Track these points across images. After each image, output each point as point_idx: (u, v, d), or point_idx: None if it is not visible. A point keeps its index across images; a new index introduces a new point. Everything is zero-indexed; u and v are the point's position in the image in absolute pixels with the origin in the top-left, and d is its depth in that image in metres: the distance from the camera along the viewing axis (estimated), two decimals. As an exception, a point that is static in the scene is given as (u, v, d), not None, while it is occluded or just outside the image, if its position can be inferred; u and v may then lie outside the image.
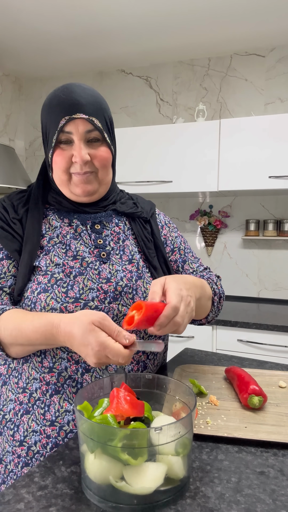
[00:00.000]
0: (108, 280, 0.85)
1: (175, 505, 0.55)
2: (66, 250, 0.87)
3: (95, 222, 0.92)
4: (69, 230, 0.89)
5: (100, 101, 0.85)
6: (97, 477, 0.54)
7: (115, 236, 0.93)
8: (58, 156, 0.83)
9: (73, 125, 0.80)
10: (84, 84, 0.84)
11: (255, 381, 0.87)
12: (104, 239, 0.91)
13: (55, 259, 0.85)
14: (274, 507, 0.55)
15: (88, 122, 0.81)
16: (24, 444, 0.82)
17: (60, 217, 0.91)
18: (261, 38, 2.54)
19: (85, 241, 0.89)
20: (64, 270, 0.84)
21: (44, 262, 0.84)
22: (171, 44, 2.62)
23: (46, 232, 0.88)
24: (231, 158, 2.37)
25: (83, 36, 2.53)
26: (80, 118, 0.80)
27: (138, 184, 2.55)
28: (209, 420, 0.79)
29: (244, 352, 2.14)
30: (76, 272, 0.84)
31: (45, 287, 0.82)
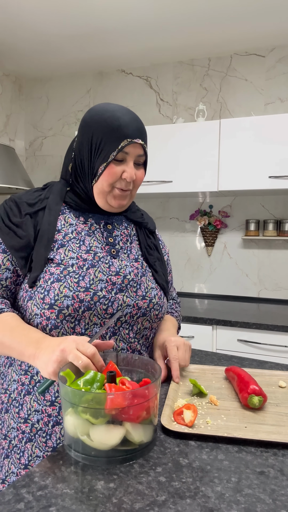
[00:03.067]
0: (117, 273, 0.94)
1: (174, 505, 0.55)
2: (80, 245, 0.94)
3: (107, 223, 1.01)
4: (84, 227, 0.97)
5: (145, 130, 0.96)
6: (69, 431, 0.67)
7: (124, 237, 1.02)
8: (110, 170, 0.92)
9: (131, 148, 0.91)
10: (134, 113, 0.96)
11: (255, 381, 0.87)
12: (114, 238, 1.00)
13: (70, 253, 0.92)
14: (274, 507, 0.55)
15: (142, 147, 0.93)
16: (28, 422, 0.89)
17: (76, 216, 0.99)
18: (261, 38, 2.54)
19: (98, 238, 0.98)
20: (78, 263, 0.91)
21: (59, 256, 0.91)
22: (171, 44, 2.62)
23: (61, 228, 0.96)
24: (231, 158, 2.37)
25: (83, 36, 2.53)
26: (139, 143, 0.92)
27: (138, 184, 2.55)
28: (209, 420, 0.79)
29: (244, 352, 2.14)
30: (89, 265, 0.92)
31: (58, 277, 0.88)
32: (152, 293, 0.98)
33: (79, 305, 0.87)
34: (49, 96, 3.23)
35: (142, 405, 0.65)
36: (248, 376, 0.89)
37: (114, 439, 0.64)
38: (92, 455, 0.64)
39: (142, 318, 0.96)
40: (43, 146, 3.27)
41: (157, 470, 0.63)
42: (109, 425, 0.64)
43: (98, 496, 0.57)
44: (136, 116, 0.95)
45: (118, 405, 0.63)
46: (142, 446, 0.67)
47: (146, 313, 0.96)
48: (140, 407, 0.65)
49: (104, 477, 0.61)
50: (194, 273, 2.91)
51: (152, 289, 0.98)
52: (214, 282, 2.86)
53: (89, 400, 0.63)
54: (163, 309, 1.01)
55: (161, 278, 1.03)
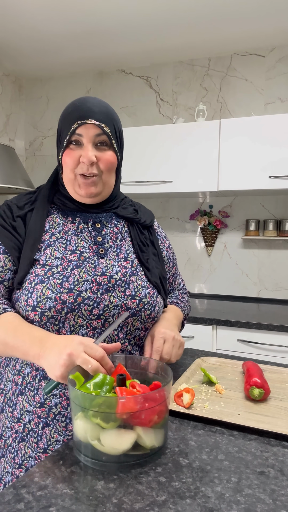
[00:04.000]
0: (103, 273, 0.92)
1: (174, 505, 0.55)
2: (66, 245, 0.93)
3: (95, 221, 0.99)
4: (71, 227, 0.96)
5: (112, 112, 0.93)
6: (78, 435, 0.66)
7: (114, 235, 0.99)
8: (67, 156, 0.90)
9: (84, 129, 0.88)
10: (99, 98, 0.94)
11: (260, 374, 0.89)
12: (103, 237, 0.97)
13: (55, 253, 0.91)
14: (274, 507, 0.55)
15: (98, 127, 0.89)
16: (21, 421, 0.89)
17: (64, 216, 0.98)
18: (261, 38, 2.54)
19: (86, 237, 0.96)
20: (62, 263, 0.90)
21: (45, 256, 0.90)
22: (171, 44, 2.62)
23: (49, 228, 0.95)
24: (231, 158, 2.37)
25: (83, 36, 2.53)
26: (91, 123, 0.88)
27: (138, 184, 2.55)
28: (206, 404, 0.84)
29: (244, 352, 2.14)
30: (74, 265, 0.90)
31: (42, 279, 0.87)
32: (143, 292, 0.94)
33: (62, 306, 0.86)
34: (49, 96, 3.23)
35: (153, 409, 0.64)
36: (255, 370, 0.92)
37: (126, 443, 0.63)
38: (103, 460, 0.63)
39: (132, 318, 0.93)
40: (43, 146, 3.27)
41: (157, 470, 0.63)
42: (120, 430, 0.63)
43: (98, 496, 0.57)
44: (98, 100, 0.92)
45: (129, 409, 0.62)
46: (153, 451, 0.66)
47: (136, 313, 0.92)
48: (152, 411, 0.64)
49: (104, 477, 0.61)
50: (194, 273, 2.91)
51: (143, 288, 0.95)
52: (214, 282, 2.86)
53: (100, 404, 0.62)
54: (156, 308, 0.97)
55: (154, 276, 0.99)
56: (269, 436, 0.74)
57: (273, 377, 1.01)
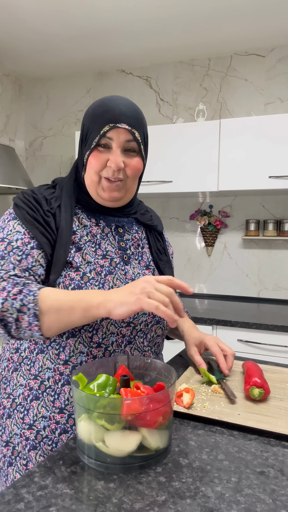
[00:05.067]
0: (132, 280, 0.91)
1: (174, 505, 0.55)
2: (96, 249, 0.91)
3: (118, 226, 0.97)
4: (97, 230, 0.94)
5: (142, 117, 0.91)
6: (83, 437, 0.65)
7: (135, 242, 0.99)
8: (94, 158, 0.88)
9: (115, 133, 0.86)
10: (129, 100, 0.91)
11: (260, 374, 0.89)
12: (125, 243, 0.96)
13: (87, 257, 0.89)
14: (274, 507, 0.55)
15: (129, 133, 0.87)
16: (33, 428, 0.86)
17: (88, 217, 0.95)
18: (261, 38, 2.54)
19: (111, 241, 0.94)
20: (95, 269, 0.88)
21: (78, 259, 0.87)
22: (171, 44, 2.62)
23: (77, 229, 0.91)
24: (231, 158, 2.37)
25: (83, 36, 2.53)
26: (123, 128, 0.86)
27: (138, 184, 2.55)
28: (206, 404, 0.83)
29: (244, 352, 2.14)
30: (106, 271, 0.89)
31: (79, 284, 0.84)
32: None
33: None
34: (49, 96, 3.23)
35: (158, 410, 0.63)
36: (254, 370, 0.92)
37: (131, 445, 0.62)
38: (108, 462, 0.63)
39: (156, 326, 0.94)
40: (43, 146, 3.27)
41: (157, 470, 0.63)
42: (125, 431, 0.63)
43: (98, 496, 0.57)
44: (129, 102, 0.89)
45: (135, 410, 0.61)
46: (158, 452, 0.65)
47: (160, 320, 0.94)
48: (157, 412, 0.63)
49: (104, 477, 0.61)
50: (194, 273, 2.91)
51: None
52: (214, 282, 2.86)
53: (105, 405, 0.62)
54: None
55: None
56: (269, 436, 0.74)
57: (273, 377, 1.01)
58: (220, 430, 0.76)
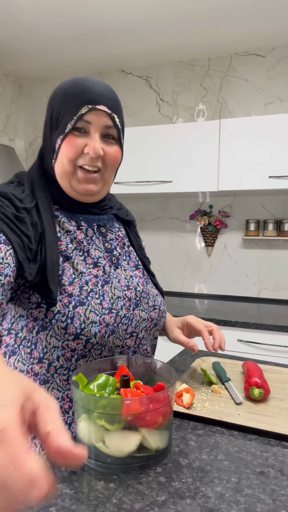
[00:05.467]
0: (128, 286, 0.85)
1: (174, 505, 0.55)
2: (85, 257, 0.82)
3: (100, 225, 0.88)
4: (80, 233, 0.83)
5: (119, 101, 0.82)
6: (83, 437, 0.65)
7: (120, 241, 0.91)
8: (68, 144, 0.76)
9: (94, 116, 0.76)
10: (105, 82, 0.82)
11: (260, 374, 0.90)
12: (110, 243, 0.88)
13: (79, 267, 0.79)
14: (274, 507, 0.55)
15: (109, 117, 0.78)
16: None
17: (68, 219, 0.84)
18: (261, 38, 2.54)
19: (98, 245, 0.85)
20: (90, 279, 0.79)
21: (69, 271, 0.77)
22: (171, 44, 2.62)
23: (60, 236, 0.81)
24: (231, 158, 2.37)
25: (83, 36, 2.53)
26: (104, 110, 0.77)
27: (138, 184, 2.55)
28: (206, 404, 0.84)
29: (244, 352, 2.14)
30: (102, 281, 0.81)
31: (80, 300, 0.75)
32: (158, 300, 0.91)
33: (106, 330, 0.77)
34: (48, 96, 3.22)
35: (158, 410, 0.63)
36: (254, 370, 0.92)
37: (131, 445, 0.62)
38: (108, 462, 0.63)
39: (154, 329, 0.90)
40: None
41: (157, 470, 0.63)
42: (125, 431, 0.62)
43: (98, 496, 0.57)
44: (106, 83, 0.80)
45: (135, 410, 0.61)
46: (158, 453, 0.65)
47: (157, 323, 0.90)
48: (157, 413, 0.63)
49: (104, 477, 0.61)
50: (194, 273, 2.91)
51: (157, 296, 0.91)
52: (214, 282, 2.86)
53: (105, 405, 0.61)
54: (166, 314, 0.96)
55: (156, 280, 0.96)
56: (269, 436, 0.74)
57: (273, 377, 1.01)
58: (220, 430, 0.76)
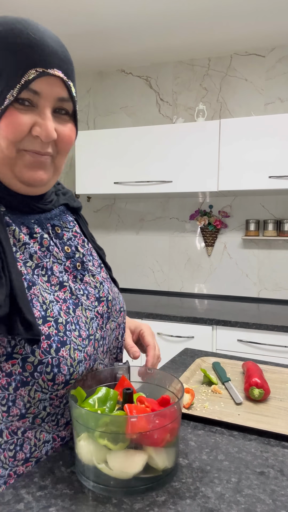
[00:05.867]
0: (99, 300, 0.73)
1: (174, 505, 0.55)
2: (48, 278, 0.66)
3: (54, 225, 0.71)
4: (34, 244, 0.66)
5: (72, 60, 0.62)
6: (83, 458, 0.59)
7: (79, 239, 0.75)
8: (9, 121, 0.56)
9: (45, 84, 0.57)
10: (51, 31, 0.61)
11: (260, 375, 0.90)
12: (70, 245, 0.72)
13: (45, 294, 0.64)
14: (274, 507, 0.55)
15: (65, 85, 0.60)
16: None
17: (18, 224, 0.65)
18: (261, 38, 2.54)
19: (56, 256, 0.69)
20: (61, 307, 0.65)
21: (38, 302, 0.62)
22: (171, 44, 2.62)
23: (16, 252, 0.63)
24: (231, 158, 2.37)
25: (83, 35, 2.53)
26: (58, 76, 0.58)
27: (138, 184, 2.55)
28: (206, 405, 0.84)
29: (244, 352, 2.14)
30: (73, 306, 0.67)
31: (60, 339, 0.62)
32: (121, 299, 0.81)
33: (89, 363, 0.67)
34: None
35: (166, 427, 0.57)
36: (254, 370, 0.93)
37: (136, 466, 0.56)
38: (111, 485, 0.57)
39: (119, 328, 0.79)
40: None
41: (157, 471, 0.63)
42: (129, 451, 0.56)
43: (98, 496, 0.57)
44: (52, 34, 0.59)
45: (141, 428, 0.55)
46: (166, 473, 0.59)
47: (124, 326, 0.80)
48: (164, 430, 0.57)
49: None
50: (194, 273, 2.91)
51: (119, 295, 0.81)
52: (214, 282, 2.86)
53: (107, 423, 0.55)
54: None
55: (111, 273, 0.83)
56: (269, 436, 0.74)
57: (273, 377, 1.01)
58: (220, 430, 0.76)
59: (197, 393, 0.90)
